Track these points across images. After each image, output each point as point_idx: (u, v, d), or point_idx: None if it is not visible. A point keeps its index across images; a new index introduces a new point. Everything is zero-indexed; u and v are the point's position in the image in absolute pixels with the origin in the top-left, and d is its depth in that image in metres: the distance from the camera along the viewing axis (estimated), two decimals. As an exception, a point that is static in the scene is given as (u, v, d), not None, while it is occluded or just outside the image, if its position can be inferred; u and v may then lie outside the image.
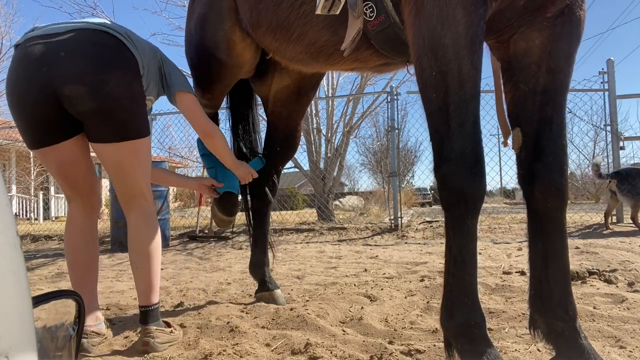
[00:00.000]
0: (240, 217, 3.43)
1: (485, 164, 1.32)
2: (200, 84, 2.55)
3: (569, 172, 1.45)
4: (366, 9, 1.57)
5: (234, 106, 2.84)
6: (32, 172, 16.66)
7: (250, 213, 2.80)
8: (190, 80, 2.70)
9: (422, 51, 1.32)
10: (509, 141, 1.66)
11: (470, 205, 1.26)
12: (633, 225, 5.58)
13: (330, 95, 10.06)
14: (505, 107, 1.56)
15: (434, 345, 1.73)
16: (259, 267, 2.70)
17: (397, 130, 7.08)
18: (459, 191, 1.26)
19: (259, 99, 2.92)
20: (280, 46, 2.03)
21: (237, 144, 2.83)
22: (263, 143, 2.83)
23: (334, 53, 1.82)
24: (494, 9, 1.36)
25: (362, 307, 2.31)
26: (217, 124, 2.82)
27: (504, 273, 3.14)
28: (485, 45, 1.55)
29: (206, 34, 2.37)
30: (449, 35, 1.26)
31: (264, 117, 2.91)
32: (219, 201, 2.50)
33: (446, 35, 1.27)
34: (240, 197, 2.69)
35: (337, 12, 1.55)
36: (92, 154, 1.94)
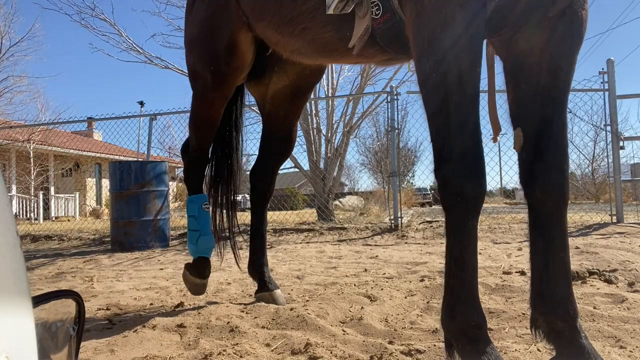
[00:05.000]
0: (245, 219, 3.43)
1: (486, 164, 1.32)
2: (201, 97, 2.49)
3: (569, 172, 1.46)
4: (372, 7, 1.57)
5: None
6: (32, 172, 16.67)
7: (250, 213, 2.80)
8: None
9: (422, 52, 1.33)
10: (498, 138, 1.67)
11: (470, 205, 1.26)
12: (633, 225, 5.57)
13: (330, 95, 10.06)
14: (508, 106, 1.56)
15: (434, 345, 1.73)
16: (258, 267, 2.70)
17: (397, 130, 7.08)
18: (460, 192, 1.26)
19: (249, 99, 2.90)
20: (283, 39, 2.00)
21: (215, 146, 2.77)
22: (259, 144, 2.82)
23: (337, 49, 1.81)
24: (493, 7, 1.36)
25: (362, 307, 2.31)
26: (206, 165, 2.70)
27: (504, 273, 3.14)
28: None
29: (212, 34, 2.33)
30: (449, 36, 1.27)
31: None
32: (193, 266, 2.52)
33: (446, 36, 1.27)
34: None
35: (349, 11, 1.55)
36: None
